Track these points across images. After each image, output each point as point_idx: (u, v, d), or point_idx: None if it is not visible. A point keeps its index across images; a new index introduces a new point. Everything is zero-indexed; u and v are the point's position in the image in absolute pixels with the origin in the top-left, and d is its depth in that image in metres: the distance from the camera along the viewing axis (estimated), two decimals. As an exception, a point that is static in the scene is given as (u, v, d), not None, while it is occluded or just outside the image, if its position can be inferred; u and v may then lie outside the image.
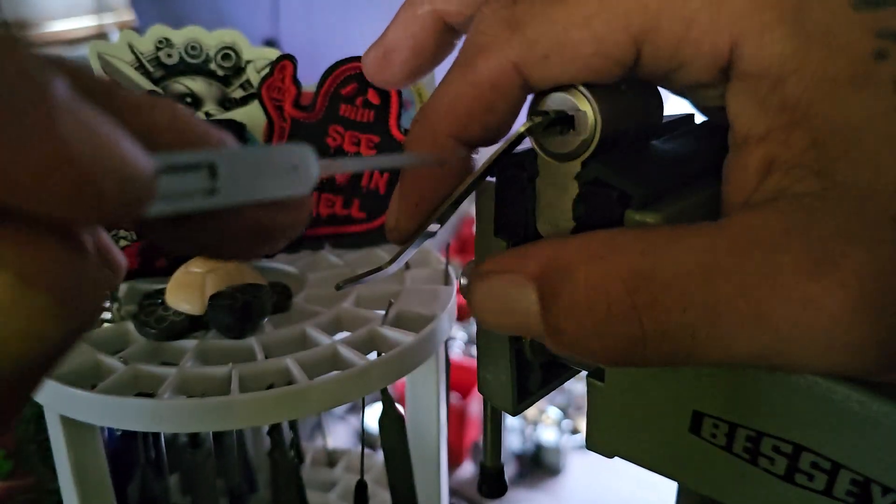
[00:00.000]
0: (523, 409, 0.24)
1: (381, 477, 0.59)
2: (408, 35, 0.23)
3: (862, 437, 0.16)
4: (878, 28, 0.16)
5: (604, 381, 0.21)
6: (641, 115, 0.21)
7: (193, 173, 0.13)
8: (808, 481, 0.17)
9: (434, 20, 0.22)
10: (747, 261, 0.15)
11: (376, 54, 0.23)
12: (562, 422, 1.30)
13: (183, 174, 0.12)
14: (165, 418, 0.33)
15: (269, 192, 0.14)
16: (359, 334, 0.39)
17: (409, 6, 0.23)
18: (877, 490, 0.16)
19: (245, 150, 0.14)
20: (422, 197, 0.20)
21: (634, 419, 0.21)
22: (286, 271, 0.48)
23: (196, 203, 0.13)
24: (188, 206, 0.13)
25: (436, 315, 0.40)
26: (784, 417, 0.18)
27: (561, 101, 0.19)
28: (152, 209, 0.12)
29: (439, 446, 0.47)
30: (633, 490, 1.17)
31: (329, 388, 0.35)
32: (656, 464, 0.21)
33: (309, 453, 0.65)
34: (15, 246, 0.10)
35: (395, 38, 0.23)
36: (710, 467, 0.19)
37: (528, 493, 1.23)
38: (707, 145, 0.20)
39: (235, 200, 0.14)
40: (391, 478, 0.45)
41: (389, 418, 0.44)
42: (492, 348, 0.23)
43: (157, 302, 0.40)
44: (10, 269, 0.10)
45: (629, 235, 0.16)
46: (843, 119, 0.15)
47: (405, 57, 0.23)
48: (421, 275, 0.46)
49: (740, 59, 0.17)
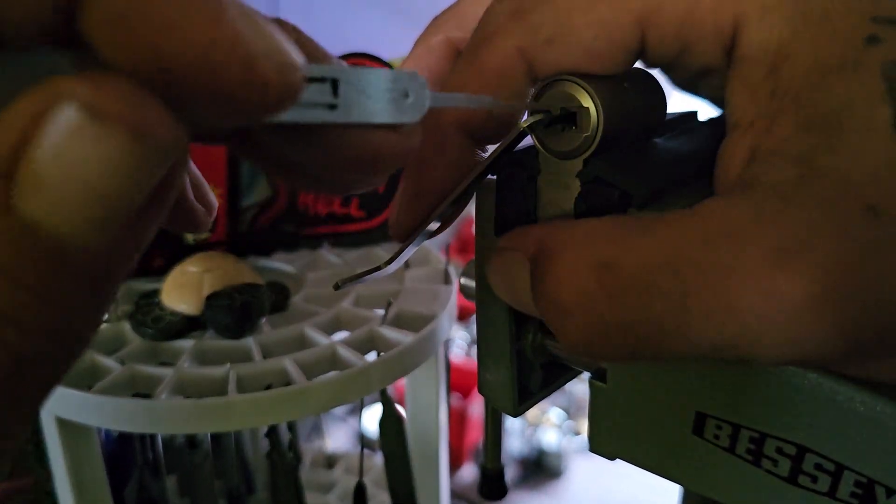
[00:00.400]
0: (524, 410, 0.24)
1: (380, 479, 0.59)
2: (423, 66, 0.23)
3: (866, 439, 0.16)
4: (874, 14, 0.16)
5: (606, 383, 0.21)
6: (644, 112, 0.20)
7: (319, 86, 0.13)
8: (811, 483, 0.17)
9: (448, 49, 0.23)
10: (715, 251, 0.14)
11: None
12: (563, 424, 1.30)
13: (310, 85, 0.13)
14: (163, 419, 0.33)
15: (382, 116, 0.15)
16: (358, 334, 0.39)
17: (423, 39, 0.23)
18: (881, 491, 0.16)
19: (364, 70, 0.15)
20: (422, 192, 0.20)
21: (637, 421, 0.20)
22: (284, 270, 0.48)
23: (318, 116, 0.13)
24: (311, 117, 0.13)
25: (436, 315, 0.40)
26: (788, 418, 0.17)
27: (563, 98, 0.19)
28: (286, 115, 0.12)
29: (439, 448, 0.47)
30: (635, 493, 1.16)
31: (328, 388, 0.35)
32: (659, 466, 0.20)
33: (307, 454, 0.65)
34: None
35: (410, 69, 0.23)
36: (714, 469, 0.19)
37: (530, 495, 1.23)
38: (710, 143, 0.20)
39: (351, 119, 0.14)
40: (391, 480, 0.45)
41: (389, 419, 0.44)
42: (492, 349, 0.23)
43: (153, 301, 0.40)
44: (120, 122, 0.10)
45: (608, 225, 0.16)
46: (828, 105, 0.15)
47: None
48: (421, 274, 0.46)
49: (740, 42, 0.17)
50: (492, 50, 0.18)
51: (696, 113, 0.24)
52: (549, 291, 0.16)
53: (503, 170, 0.21)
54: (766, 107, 0.16)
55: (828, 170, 0.15)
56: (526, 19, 0.18)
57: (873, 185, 0.14)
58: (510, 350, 0.22)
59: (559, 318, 0.16)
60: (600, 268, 0.15)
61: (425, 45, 0.23)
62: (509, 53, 0.18)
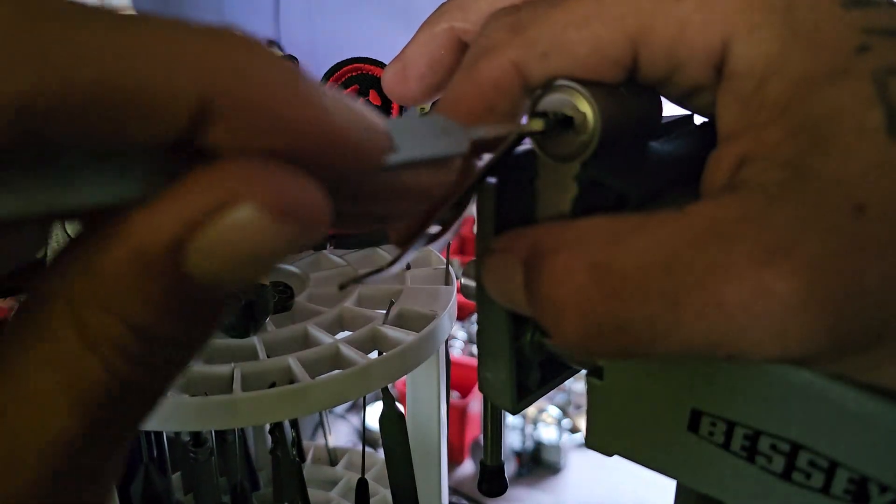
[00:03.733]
0: (523, 407, 0.24)
1: (381, 475, 0.59)
2: (424, 52, 0.23)
3: (859, 436, 0.16)
4: (865, 25, 0.16)
5: (602, 380, 0.21)
6: (640, 116, 0.21)
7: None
8: (805, 479, 0.18)
9: (450, 37, 0.23)
10: (704, 250, 0.15)
11: (395, 70, 0.24)
12: (561, 420, 1.30)
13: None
14: (168, 417, 0.34)
15: (433, 150, 0.16)
16: (360, 333, 0.40)
17: (427, 25, 0.24)
18: (874, 488, 0.17)
19: (403, 119, 0.17)
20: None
21: (633, 417, 0.21)
22: (289, 271, 0.48)
23: (392, 159, 0.15)
24: (392, 160, 0.15)
25: (437, 314, 0.41)
26: (781, 416, 0.18)
27: (561, 103, 0.19)
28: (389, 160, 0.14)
29: (440, 445, 0.47)
30: (632, 488, 1.17)
31: (330, 386, 0.35)
32: (655, 462, 0.21)
33: (310, 451, 0.66)
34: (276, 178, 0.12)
35: (412, 54, 0.24)
36: (708, 465, 0.19)
37: (528, 491, 1.24)
38: (705, 146, 0.20)
39: (412, 156, 0.16)
40: (392, 476, 0.45)
41: (390, 417, 0.44)
42: (492, 347, 0.23)
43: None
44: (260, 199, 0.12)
45: (600, 225, 0.17)
46: (818, 111, 0.15)
47: (422, 73, 0.24)
48: (422, 274, 0.47)
49: (729, 58, 0.17)
50: (489, 63, 0.19)
51: (691, 116, 0.24)
52: (544, 291, 0.16)
53: (503, 172, 0.21)
54: (756, 117, 0.16)
55: (816, 171, 0.15)
56: (522, 34, 0.18)
57: (861, 185, 0.14)
58: (509, 349, 0.23)
59: (554, 318, 0.16)
60: (594, 268, 0.16)
61: (429, 32, 0.23)
62: (505, 67, 0.18)
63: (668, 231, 0.15)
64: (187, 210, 0.11)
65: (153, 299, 0.12)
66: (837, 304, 0.14)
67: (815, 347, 0.14)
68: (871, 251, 0.14)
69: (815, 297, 0.14)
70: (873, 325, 0.14)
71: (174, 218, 0.11)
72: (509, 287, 0.18)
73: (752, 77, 0.16)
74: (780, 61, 0.16)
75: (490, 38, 0.19)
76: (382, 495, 0.57)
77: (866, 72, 0.15)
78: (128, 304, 0.12)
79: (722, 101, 0.17)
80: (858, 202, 0.14)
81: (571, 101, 0.19)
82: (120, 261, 0.12)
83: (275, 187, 0.12)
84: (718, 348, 0.15)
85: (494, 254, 0.19)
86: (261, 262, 0.12)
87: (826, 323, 0.14)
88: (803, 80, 0.16)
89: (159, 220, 0.11)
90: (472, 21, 0.22)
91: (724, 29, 0.17)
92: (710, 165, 0.17)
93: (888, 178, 0.14)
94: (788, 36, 0.16)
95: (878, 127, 0.15)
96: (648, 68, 0.18)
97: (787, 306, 0.14)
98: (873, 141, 0.15)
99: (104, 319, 0.12)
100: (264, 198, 0.12)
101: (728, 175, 0.16)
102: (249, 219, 0.11)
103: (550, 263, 0.16)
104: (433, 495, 0.48)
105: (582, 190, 0.19)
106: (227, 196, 0.11)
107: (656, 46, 0.17)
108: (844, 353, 0.15)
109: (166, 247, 0.11)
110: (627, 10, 0.17)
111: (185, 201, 0.12)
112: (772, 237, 0.14)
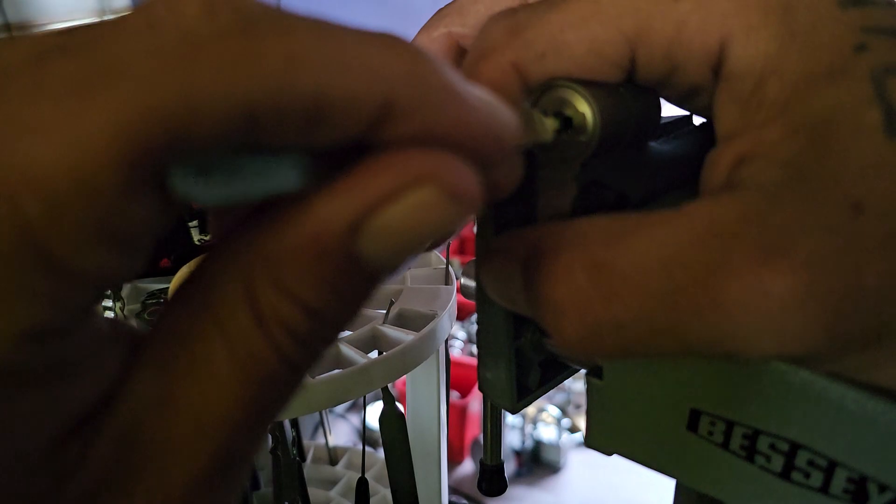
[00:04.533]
0: (523, 407, 0.24)
1: (381, 474, 0.59)
2: None
3: (858, 435, 0.17)
4: (863, 24, 0.16)
5: (603, 380, 0.21)
6: (640, 116, 0.21)
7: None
8: (804, 479, 0.18)
9: (448, 42, 0.23)
10: (703, 250, 0.15)
11: None
12: (561, 420, 1.30)
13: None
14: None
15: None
16: (360, 333, 0.40)
17: (425, 30, 0.24)
18: (873, 487, 0.17)
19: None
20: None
21: (633, 417, 0.21)
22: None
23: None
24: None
25: (436, 314, 0.41)
26: (780, 415, 0.18)
27: (560, 103, 0.19)
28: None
29: (440, 444, 0.47)
30: (631, 487, 1.17)
31: (331, 386, 0.35)
32: (654, 461, 0.21)
33: (310, 451, 0.66)
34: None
35: None
36: (708, 464, 0.19)
37: (528, 490, 1.24)
38: (704, 146, 0.20)
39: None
40: (392, 475, 0.45)
41: (390, 416, 0.44)
42: (492, 347, 0.23)
43: (160, 301, 0.40)
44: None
45: (600, 225, 0.17)
46: (816, 110, 0.15)
47: None
48: (422, 274, 0.47)
49: (727, 59, 0.17)
50: (488, 65, 0.19)
51: (690, 117, 0.24)
52: (543, 292, 0.16)
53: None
54: (754, 117, 0.16)
55: (814, 171, 0.15)
56: (520, 36, 0.18)
57: (859, 183, 0.14)
58: (509, 348, 0.23)
59: (553, 318, 0.16)
60: (593, 268, 0.16)
61: (427, 37, 0.23)
62: (504, 68, 0.19)
63: (666, 231, 0.15)
64: (367, 194, 0.12)
65: (326, 280, 0.12)
66: (836, 303, 0.14)
67: (813, 346, 0.14)
68: (869, 250, 0.14)
69: (813, 296, 0.14)
70: (872, 323, 0.14)
71: (354, 202, 0.12)
72: (509, 287, 0.18)
73: (750, 77, 0.16)
74: (777, 61, 0.16)
75: (488, 41, 0.19)
76: (382, 495, 0.57)
77: (864, 71, 0.15)
78: (303, 285, 0.12)
79: (720, 101, 0.17)
80: (857, 201, 0.14)
81: (571, 101, 0.19)
82: (298, 244, 0.12)
83: (451, 171, 0.13)
84: (717, 347, 0.15)
85: (494, 254, 0.19)
86: (427, 240, 0.13)
87: (825, 321, 0.14)
88: (801, 80, 0.16)
89: (339, 204, 0.12)
90: (470, 26, 0.22)
91: (722, 30, 0.17)
92: (709, 165, 0.17)
93: (886, 177, 0.14)
94: (786, 36, 0.16)
95: (876, 126, 0.15)
96: (646, 69, 0.18)
97: (786, 305, 0.14)
98: (872, 140, 0.15)
99: (278, 300, 0.12)
100: (446, 179, 0.13)
101: (727, 174, 0.17)
102: (430, 199, 0.12)
103: (550, 264, 0.16)
104: (433, 494, 0.48)
105: (582, 190, 0.19)
106: (410, 179, 0.12)
107: (654, 47, 0.18)
108: (843, 351, 0.15)
109: (345, 229, 0.12)
110: (625, 11, 0.17)
111: (364, 186, 0.12)
112: (770, 236, 0.14)
